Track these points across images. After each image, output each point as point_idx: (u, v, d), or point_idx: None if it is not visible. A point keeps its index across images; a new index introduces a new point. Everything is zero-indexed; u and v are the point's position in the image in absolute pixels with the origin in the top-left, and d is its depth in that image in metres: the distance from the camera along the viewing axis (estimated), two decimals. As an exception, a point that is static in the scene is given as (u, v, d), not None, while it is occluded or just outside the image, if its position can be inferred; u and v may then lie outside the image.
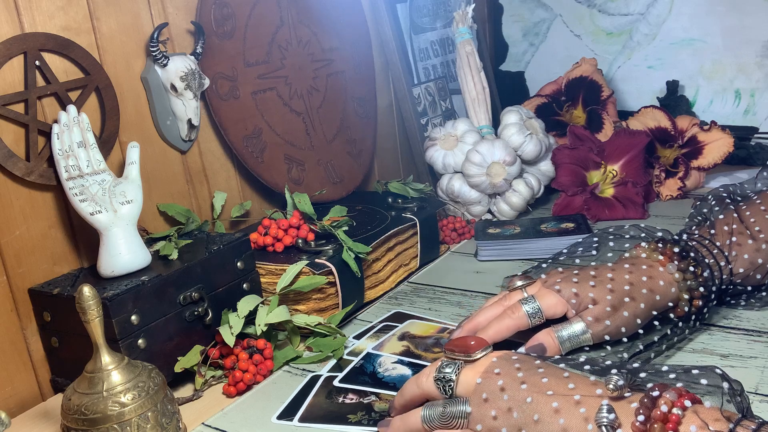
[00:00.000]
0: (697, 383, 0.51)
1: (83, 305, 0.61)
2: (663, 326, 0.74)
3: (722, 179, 1.24)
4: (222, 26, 0.99)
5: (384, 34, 1.28)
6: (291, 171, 1.07)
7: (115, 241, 0.78)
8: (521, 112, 1.22)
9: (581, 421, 0.51)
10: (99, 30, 0.86)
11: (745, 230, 0.78)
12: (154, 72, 0.91)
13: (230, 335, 0.77)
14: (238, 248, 0.84)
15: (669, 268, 0.73)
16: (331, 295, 0.88)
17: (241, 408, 0.73)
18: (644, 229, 0.83)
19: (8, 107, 0.77)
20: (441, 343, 0.80)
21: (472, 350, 0.60)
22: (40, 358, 0.81)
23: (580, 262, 0.83)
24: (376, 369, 0.77)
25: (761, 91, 1.33)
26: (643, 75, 1.44)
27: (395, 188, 1.12)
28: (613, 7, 1.44)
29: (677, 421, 0.47)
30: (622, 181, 1.19)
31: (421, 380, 0.61)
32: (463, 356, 0.60)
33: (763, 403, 0.63)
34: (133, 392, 0.62)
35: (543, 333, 0.71)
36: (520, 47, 1.59)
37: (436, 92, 1.36)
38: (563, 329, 0.71)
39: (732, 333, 0.76)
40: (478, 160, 1.14)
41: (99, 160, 0.81)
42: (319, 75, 1.14)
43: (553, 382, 0.54)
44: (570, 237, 1.01)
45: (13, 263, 0.78)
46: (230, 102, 1.00)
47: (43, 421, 0.75)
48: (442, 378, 0.59)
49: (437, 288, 0.97)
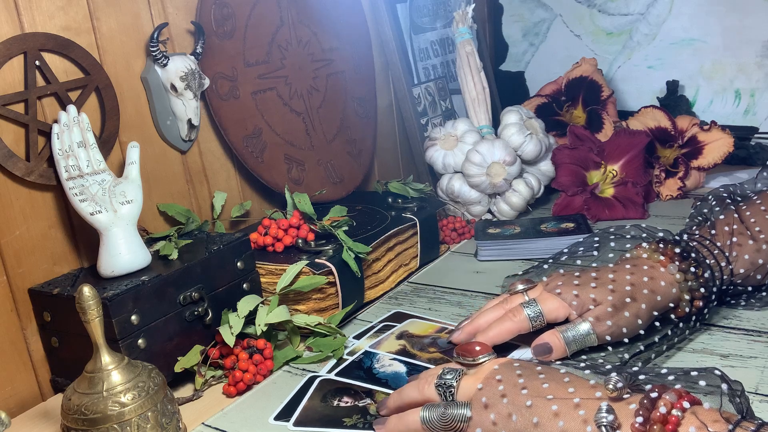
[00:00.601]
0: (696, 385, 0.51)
1: (83, 305, 0.61)
2: (663, 326, 0.74)
3: (722, 179, 1.24)
4: (222, 26, 0.99)
5: (384, 34, 1.28)
6: (291, 171, 1.07)
7: (115, 241, 0.78)
8: (521, 112, 1.22)
9: (580, 423, 0.51)
10: (99, 30, 0.86)
11: (745, 230, 0.78)
12: (154, 72, 0.91)
13: (230, 335, 0.77)
14: (238, 248, 0.84)
15: (670, 269, 0.73)
16: (331, 295, 0.88)
17: (241, 408, 0.73)
18: (645, 230, 0.83)
19: (8, 107, 0.77)
20: (438, 343, 0.80)
21: (476, 354, 0.61)
22: (40, 358, 0.81)
23: (581, 263, 0.83)
24: (373, 364, 0.77)
25: (761, 91, 1.33)
26: (643, 75, 1.44)
27: (395, 188, 1.12)
28: (613, 7, 1.44)
29: (676, 422, 0.47)
30: (622, 181, 1.19)
31: (422, 385, 0.61)
32: (465, 360, 0.61)
33: (763, 403, 0.63)
34: (133, 392, 0.62)
35: (548, 333, 0.71)
36: (520, 47, 1.59)
37: (436, 92, 1.36)
38: (568, 330, 0.71)
39: (732, 333, 0.76)
40: (478, 160, 1.14)
41: (99, 160, 0.81)
42: (319, 75, 1.14)
43: (554, 386, 0.54)
44: (570, 237, 1.01)
45: (13, 263, 0.78)
46: (230, 102, 1.00)
47: (43, 421, 0.75)
48: (443, 384, 0.60)
49: (437, 288, 0.97)
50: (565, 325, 0.72)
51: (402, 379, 0.73)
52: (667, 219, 1.12)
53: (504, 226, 1.09)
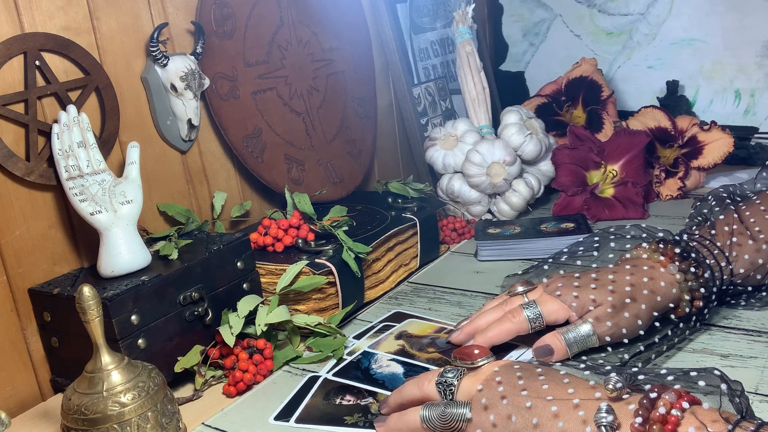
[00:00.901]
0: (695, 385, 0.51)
1: (83, 305, 0.61)
2: (663, 327, 0.74)
3: (722, 179, 1.24)
4: (222, 26, 0.99)
5: (384, 34, 1.28)
6: (291, 171, 1.07)
7: (115, 241, 0.78)
8: (521, 112, 1.22)
9: (579, 424, 0.51)
10: (99, 30, 0.86)
11: (745, 230, 0.78)
12: (154, 72, 0.91)
13: (230, 335, 0.77)
14: (238, 248, 0.84)
15: (670, 269, 0.73)
16: (331, 295, 0.88)
17: (241, 408, 0.73)
18: (645, 230, 0.83)
19: (8, 107, 0.77)
20: (436, 343, 0.80)
21: (475, 358, 0.61)
22: (40, 358, 0.81)
23: (581, 263, 0.83)
24: (370, 365, 0.77)
25: (761, 91, 1.33)
26: (643, 75, 1.44)
27: (395, 188, 1.12)
28: (613, 7, 1.44)
29: (676, 422, 0.47)
30: (622, 181, 1.19)
31: (423, 383, 0.62)
32: (465, 363, 0.61)
33: (763, 403, 0.63)
34: (133, 392, 0.62)
35: (550, 335, 0.71)
36: (520, 47, 1.59)
37: (436, 92, 1.36)
38: (569, 331, 0.71)
39: (732, 333, 0.76)
40: (478, 160, 1.14)
41: (99, 160, 0.81)
42: (319, 75, 1.14)
43: (553, 387, 0.54)
44: (570, 237, 1.01)
45: (13, 263, 0.78)
46: (230, 102, 1.00)
47: (43, 421, 0.75)
48: (444, 382, 0.60)
49: (437, 288, 0.97)
50: (566, 326, 0.72)
51: (399, 380, 0.73)
52: (667, 219, 1.12)
53: (504, 226, 1.09)
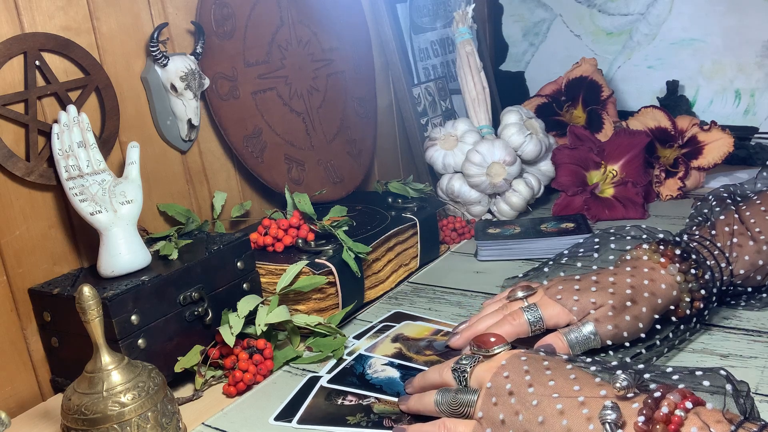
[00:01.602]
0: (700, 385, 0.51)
1: (83, 305, 0.60)
2: (664, 328, 0.74)
3: (722, 179, 1.24)
4: (222, 26, 0.99)
5: (384, 34, 1.28)
6: (291, 171, 1.07)
7: (115, 241, 0.77)
8: (521, 112, 1.22)
9: (584, 421, 0.51)
10: (99, 30, 0.86)
11: (745, 231, 0.78)
12: (154, 72, 0.91)
13: (230, 335, 0.77)
14: (238, 248, 0.84)
15: (670, 270, 0.73)
16: (331, 295, 0.88)
17: (241, 408, 0.73)
18: (645, 230, 0.83)
19: (8, 107, 0.77)
20: (434, 346, 0.80)
21: (491, 345, 0.63)
22: (40, 358, 0.80)
23: (581, 264, 0.83)
24: (365, 370, 0.76)
25: (761, 91, 1.33)
26: (643, 75, 1.44)
27: (395, 188, 1.12)
28: (613, 7, 1.44)
29: (679, 422, 0.47)
30: (622, 181, 1.19)
31: (443, 369, 0.65)
32: (481, 351, 0.63)
33: (763, 403, 0.63)
34: (133, 392, 0.62)
35: (552, 336, 0.71)
36: (520, 47, 1.59)
37: (436, 92, 1.36)
38: (571, 332, 0.70)
39: (732, 333, 0.76)
40: (478, 160, 1.14)
41: (99, 160, 0.81)
42: (319, 75, 1.14)
43: (560, 383, 0.55)
44: (570, 237, 1.00)
45: (13, 263, 0.78)
46: (230, 102, 1.00)
47: (43, 421, 0.75)
48: (458, 368, 0.63)
49: (437, 288, 0.97)
50: (567, 327, 0.71)
51: (396, 384, 0.73)
52: (667, 219, 1.12)
53: (504, 226, 1.09)
